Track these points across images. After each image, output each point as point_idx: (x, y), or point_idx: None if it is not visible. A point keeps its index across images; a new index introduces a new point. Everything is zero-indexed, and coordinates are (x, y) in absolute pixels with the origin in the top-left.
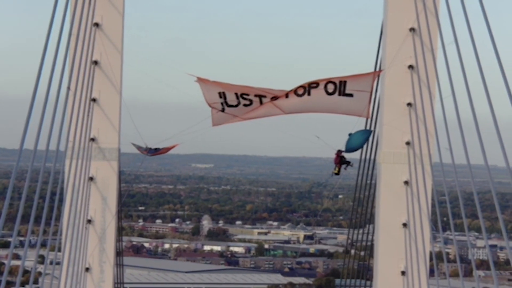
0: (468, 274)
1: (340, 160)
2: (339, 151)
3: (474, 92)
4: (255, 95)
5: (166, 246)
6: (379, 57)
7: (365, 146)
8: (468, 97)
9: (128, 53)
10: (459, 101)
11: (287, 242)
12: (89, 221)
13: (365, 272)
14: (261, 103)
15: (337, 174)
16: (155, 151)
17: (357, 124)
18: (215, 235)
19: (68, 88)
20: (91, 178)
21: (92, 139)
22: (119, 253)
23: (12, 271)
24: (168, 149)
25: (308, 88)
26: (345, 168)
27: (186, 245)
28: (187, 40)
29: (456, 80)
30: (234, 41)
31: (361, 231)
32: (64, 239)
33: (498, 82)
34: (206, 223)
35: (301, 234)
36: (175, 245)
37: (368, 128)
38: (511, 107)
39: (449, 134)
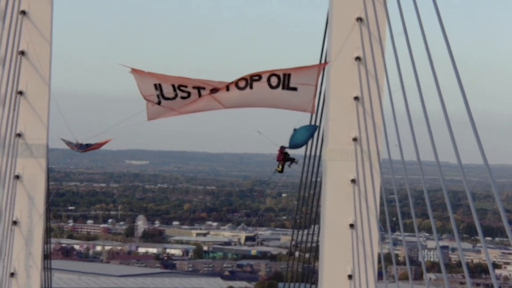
0: (418, 277)
1: (284, 157)
2: (283, 148)
3: (425, 85)
4: (194, 87)
5: (98, 248)
6: (324, 49)
7: (310, 142)
8: (418, 91)
9: (58, 43)
10: (409, 95)
11: (228, 243)
12: (14, 223)
13: (310, 275)
14: (199, 95)
15: (281, 171)
16: (87, 147)
17: (302, 119)
18: (151, 237)
19: None
20: (17, 177)
21: (19, 135)
22: (47, 256)
23: None
24: (100, 144)
25: (250, 80)
26: (289, 165)
27: (119, 247)
28: (121, 30)
29: (406, 72)
30: (171, 32)
31: (305, 232)
32: None
33: (449, 75)
34: (141, 224)
35: (243, 235)
36: (107, 247)
37: (313, 123)
38: (463, 101)
39: (398, 129)
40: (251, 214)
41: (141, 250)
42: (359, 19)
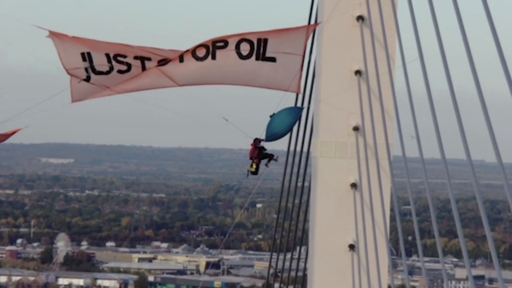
0: None
1: (259, 153)
2: (257, 140)
3: (451, 55)
4: (135, 57)
5: (2, 279)
6: (315, 5)
7: (294, 131)
8: (442, 62)
9: None
10: (429, 68)
11: (182, 272)
12: None
13: None
14: (143, 69)
15: (255, 173)
16: None
17: (283, 100)
18: (76, 263)
19: None
20: None
21: None
22: None
23: None
24: (6, 136)
25: (213, 48)
26: (266, 165)
27: (32, 278)
28: None
29: (425, 37)
30: None
31: (288, 256)
32: None
33: (485, 41)
34: (63, 246)
35: (202, 260)
36: (15, 278)
37: (298, 106)
38: (505, 77)
39: (415, 115)
40: (214, 231)
41: (62, 281)
42: None
